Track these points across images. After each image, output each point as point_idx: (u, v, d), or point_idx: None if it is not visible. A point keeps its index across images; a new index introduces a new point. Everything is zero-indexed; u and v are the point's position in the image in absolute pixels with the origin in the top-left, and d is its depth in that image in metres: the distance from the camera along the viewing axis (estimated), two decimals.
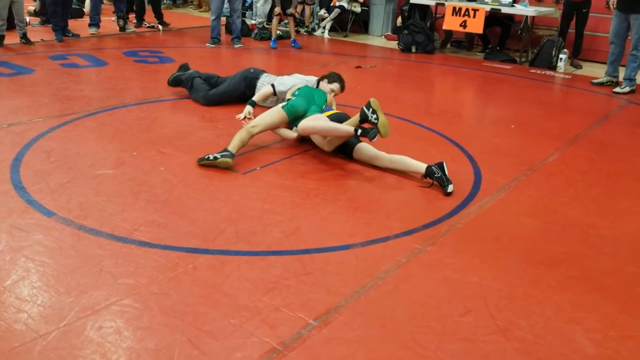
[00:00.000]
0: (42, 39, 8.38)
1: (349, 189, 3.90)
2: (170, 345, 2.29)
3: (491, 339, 2.43)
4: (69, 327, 2.37)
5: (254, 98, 5.36)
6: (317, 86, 5.12)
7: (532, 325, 2.54)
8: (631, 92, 6.91)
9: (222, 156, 4.03)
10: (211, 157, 4.06)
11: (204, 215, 3.39)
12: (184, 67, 6.11)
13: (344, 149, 4.35)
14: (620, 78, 7.13)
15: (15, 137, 4.49)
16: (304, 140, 4.63)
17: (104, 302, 2.54)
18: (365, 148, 4.27)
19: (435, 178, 3.91)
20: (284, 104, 4.53)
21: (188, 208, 3.48)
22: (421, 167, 4.02)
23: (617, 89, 6.98)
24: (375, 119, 3.93)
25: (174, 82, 5.94)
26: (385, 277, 2.85)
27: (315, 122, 4.20)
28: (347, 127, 4.07)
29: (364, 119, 3.99)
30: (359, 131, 3.94)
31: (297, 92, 4.68)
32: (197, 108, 5.61)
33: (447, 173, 3.90)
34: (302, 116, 4.42)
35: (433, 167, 3.94)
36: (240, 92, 5.63)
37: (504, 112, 6.13)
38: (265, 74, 5.69)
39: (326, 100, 4.74)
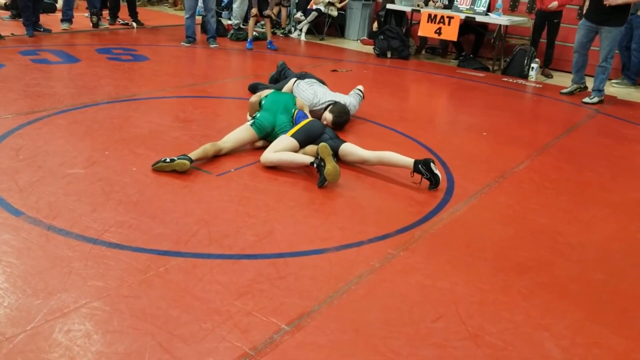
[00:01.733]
0: (12, 34, 8.22)
1: (323, 192, 3.90)
2: (141, 349, 2.27)
3: (462, 345, 2.46)
4: (37, 330, 2.32)
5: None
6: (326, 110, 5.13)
7: (502, 331, 2.58)
8: (600, 102, 7.06)
9: (179, 158, 3.95)
10: (168, 159, 3.96)
11: (177, 217, 3.36)
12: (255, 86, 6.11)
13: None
14: (590, 89, 7.28)
15: None
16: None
17: (72, 305, 2.49)
18: (350, 151, 4.30)
19: (424, 177, 4.04)
20: (251, 121, 4.50)
21: (160, 209, 3.44)
22: (408, 163, 4.09)
23: (587, 99, 7.12)
24: (322, 166, 3.90)
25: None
26: (359, 281, 2.86)
27: (273, 157, 4.13)
28: (304, 158, 4.07)
29: (318, 163, 3.97)
30: (315, 164, 3.96)
31: (263, 102, 4.64)
32: (171, 107, 5.56)
33: (434, 171, 3.99)
34: (272, 131, 4.45)
35: (421, 167, 4.02)
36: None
37: (477, 119, 6.21)
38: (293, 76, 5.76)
39: (295, 104, 4.70)
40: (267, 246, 3.12)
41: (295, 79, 5.55)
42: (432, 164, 4.01)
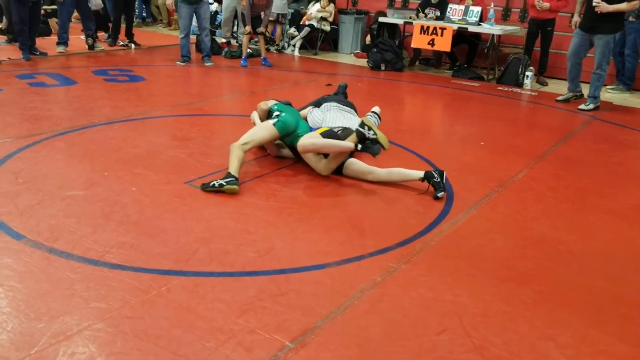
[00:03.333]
0: (9, 58, 8.26)
1: (322, 207, 3.91)
2: None
3: (467, 357, 2.45)
4: (40, 354, 2.32)
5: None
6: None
7: (507, 342, 2.57)
8: (595, 108, 7.10)
9: (227, 183, 3.96)
10: (216, 184, 3.97)
11: (177, 236, 3.36)
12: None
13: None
14: (585, 95, 7.32)
15: None
16: (281, 157, 4.65)
17: (76, 327, 2.49)
18: (356, 163, 4.35)
19: (433, 182, 4.14)
20: (274, 120, 4.42)
21: (160, 229, 3.44)
22: (418, 175, 4.24)
23: (582, 106, 7.16)
24: (373, 134, 4.05)
25: None
26: (361, 296, 2.86)
27: (316, 140, 4.20)
28: (347, 143, 4.14)
29: (361, 137, 4.09)
30: (359, 146, 4.06)
31: (275, 107, 4.62)
32: (168, 127, 5.58)
33: (444, 180, 4.17)
34: (293, 132, 4.42)
35: (433, 172, 4.17)
36: None
37: (473, 129, 6.23)
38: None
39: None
40: (268, 262, 3.12)
41: (311, 107, 5.22)
42: (444, 174, 4.21)
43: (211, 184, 4.00)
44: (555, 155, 5.32)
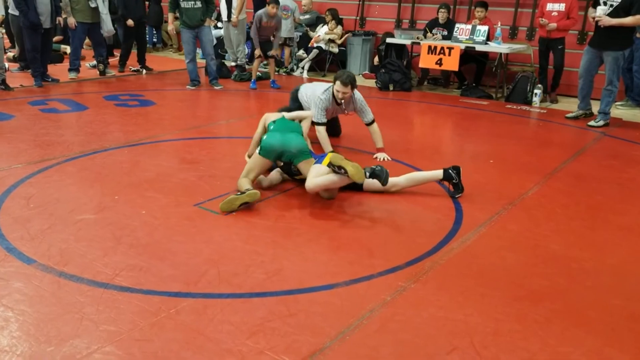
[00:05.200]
0: (21, 85, 8.38)
1: (330, 227, 3.90)
2: None
3: None
4: None
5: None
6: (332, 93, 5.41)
7: None
8: (605, 125, 7.07)
9: (246, 190, 4.07)
10: (239, 192, 4.08)
11: (186, 258, 3.36)
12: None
13: (354, 184, 4.33)
14: (595, 111, 7.30)
15: None
16: (286, 180, 4.66)
17: (85, 351, 2.49)
18: (373, 181, 4.34)
19: (452, 183, 4.44)
20: (258, 149, 4.43)
21: (169, 251, 3.45)
22: (437, 175, 4.50)
23: (592, 122, 7.13)
24: (344, 172, 4.00)
25: None
26: (371, 316, 2.84)
27: (320, 180, 4.14)
28: (344, 178, 4.11)
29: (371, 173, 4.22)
30: (367, 174, 4.14)
31: (271, 126, 4.63)
32: (177, 150, 5.62)
33: (461, 179, 4.45)
34: (283, 151, 4.35)
35: (451, 172, 4.44)
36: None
37: (482, 147, 6.22)
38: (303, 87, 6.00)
39: (301, 133, 4.69)
40: (277, 283, 3.11)
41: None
42: (460, 170, 4.45)
43: (229, 197, 4.01)
44: (565, 172, 5.29)
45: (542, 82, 8.44)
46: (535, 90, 8.26)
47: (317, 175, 4.18)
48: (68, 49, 10.20)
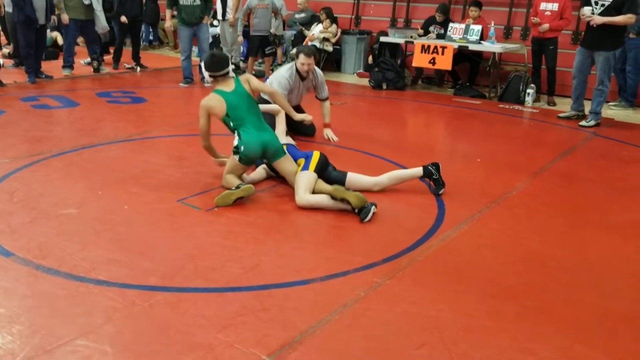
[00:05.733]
0: (15, 81, 8.40)
1: (313, 223, 3.92)
2: None
3: None
4: None
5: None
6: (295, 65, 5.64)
7: (487, 356, 2.55)
8: (597, 125, 7.07)
9: (240, 185, 4.08)
10: (233, 188, 4.08)
11: (165, 253, 3.38)
12: None
13: (336, 179, 4.36)
14: (587, 111, 7.30)
15: None
16: (270, 177, 4.68)
17: (55, 342, 2.50)
18: (358, 180, 4.41)
19: (433, 179, 4.43)
20: (238, 156, 4.31)
21: (149, 246, 3.46)
22: (417, 172, 4.48)
23: (583, 122, 7.13)
24: (346, 204, 3.99)
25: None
26: (343, 311, 2.85)
27: (312, 199, 4.10)
28: (340, 204, 4.05)
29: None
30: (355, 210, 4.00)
31: (230, 122, 4.39)
32: (166, 146, 5.64)
33: (441, 174, 4.44)
34: (263, 156, 4.33)
35: (431, 168, 4.43)
36: None
37: (472, 146, 6.24)
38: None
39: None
40: (253, 278, 3.13)
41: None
42: (439, 166, 4.45)
43: (224, 193, 4.05)
44: (552, 171, 5.30)
45: (535, 82, 8.43)
46: (528, 90, 8.26)
47: (307, 187, 4.16)
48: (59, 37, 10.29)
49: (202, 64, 4.52)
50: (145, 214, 3.95)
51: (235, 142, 4.32)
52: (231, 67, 4.49)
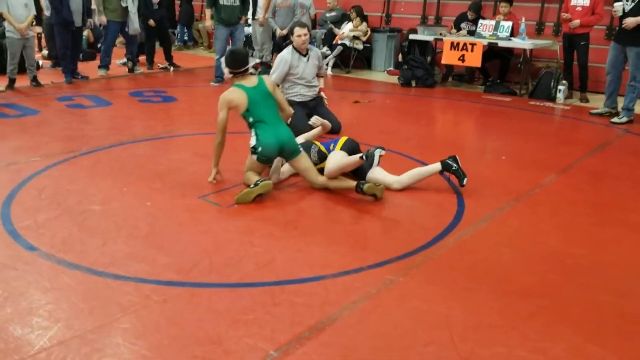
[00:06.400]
0: (51, 82, 8.64)
1: (329, 220, 3.94)
2: None
3: None
4: (35, 358, 2.42)
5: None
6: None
7: (495, 355, 2.53)
8: (629, 122, 6.90)
9: (260, 181, 4.13)
10: (252, 185, 4.13)
11: (182, 248, 3.45)
12: None
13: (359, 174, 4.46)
14: (619, 108, 7.13)
15: (12, 176, 4.62)
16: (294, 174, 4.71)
17: (70, 335, 2.59)
18: (380, 175, 4.42)
19: (453, 171, 4.34)
20: (256, 156, 4.36)
21: (167, 241, 3.54)
22: (436, 167, 4.42)
23: (615, 119, 6.97)
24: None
25: None
26: (353, 308, 2.87)
27: (336, 164, 4.30)
28: (355, 158, 4.26)
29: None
30: (365, 158, 4.17)
31: (249, 118, 4.42)
32: (192, 144, 5.73)
33: (460, 166, 4.35)
34: (281, 153, 4.38)
35: (449, 161, 4.37)
36: None
37: (499, 143, 6.16)
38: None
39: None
40: (266, 274, 3.17)
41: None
42: (457, 158, 4.40)
43: (245, 191, 4.11)
44: (579, 168, 5.20)
45: (567, 78, 8.27)
46: (560, 87, 8.10)
47: (336, 163, 4.30)
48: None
49: (222, 61, 4.60)
50: (166, 210, 4.03)
51: (253, 142, 4.36)
52: (251, 63, 4.55)
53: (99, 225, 3.77)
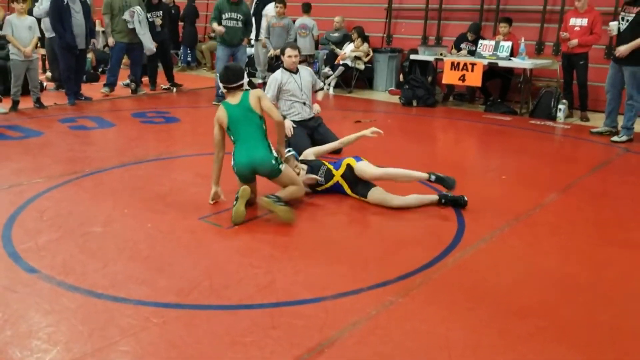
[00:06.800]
0: (55, 103, 8.71)
1: (329, 241, 3.95)
2: None
3: None
4: None
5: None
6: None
7: None
8: (629, 140, 6.92)
9: (237, 194, 4.20)
10: (235, 203, 4.19)
11: (182, 270, 3.46)
12: None
13: (361, 193, 4.60)
14: (620, 126, 7.16)
15: (14, 197, 4.66)
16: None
17: (68, 357, 2.59)
18: (377, 193, 4.54)
19: (450, 200, 4.54)
20: (282, 165, 4.42)
21: (167, 263, 3.55)
22: (433, 198, 4.59)
23: (615, 138, 7.00)
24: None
25: None
26: (353, 329, 2.87)
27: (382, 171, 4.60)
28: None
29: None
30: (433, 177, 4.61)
31: (231, 135, 4.48)
32: (193, 165, 5.76)
33: (454, 196, 4.56)
34: (255, 173, 4.41)
35: (447, 198, 4.56)
36: None
37: (499, 162, 6.19)
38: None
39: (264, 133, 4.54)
40: (266, 296, 3.17)
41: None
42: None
43: (233, 211, 4.16)
44: (579, 187, 5.21)
45: (567, 97, 8.31)
46: (560, 106, 8.14)
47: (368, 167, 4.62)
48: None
49: (218, 77, 4.70)
50: (167, 231, 4.05)
51: (232, 161, 4.45)
52: (246, 80, 4.61)
53: (99, 247, 3.78)
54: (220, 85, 4.65)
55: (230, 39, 8.81)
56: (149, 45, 9.57)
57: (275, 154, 4.40)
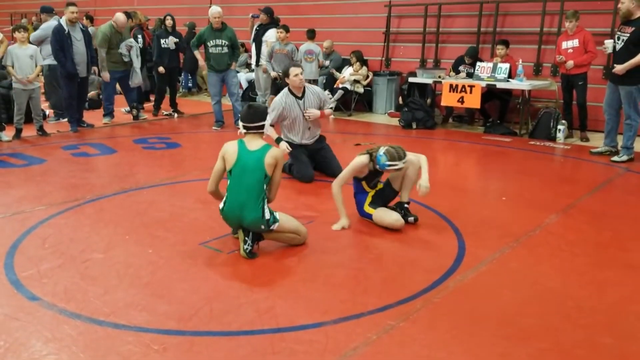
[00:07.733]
0: (57, 130, 8.78)
1: (330, 265, 3.95)
2: None
3: None
4: None
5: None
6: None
7: None
8: (629, 160, 6.94)
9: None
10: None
11: (182, 296, 3.46)
12: None
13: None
14: (620, 146, 7.18)
15: (17, 225, 4.68)
16: None
17: None
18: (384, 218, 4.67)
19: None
20: (275, 224, 4.13)
21: (168, 289, 3.56)
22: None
23: (615, 158, 7.02)
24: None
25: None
26: (353, 354, 2.86)
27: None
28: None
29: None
30: None
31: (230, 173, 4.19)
32: (194, 190, 5.78)
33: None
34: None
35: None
36: None
37: (498, 184, 6.20)
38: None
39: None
40: (266, 321, 3.17)
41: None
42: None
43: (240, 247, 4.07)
44: (579, 208, 5.22)
45: (567, 117, 8.36)
46: (559, 126, 8.18)
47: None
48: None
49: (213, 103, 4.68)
50: (168, 257, 4.06)
51: (221, 205, 4.18)
52: (268, 122, 4.46)
53: (100, 273, 3.79)
54: (240, 124, 4.27)
55: (217, 64, 8.94)
56: (139, 79, 9.69)
57: (267, 216, 4.02)
